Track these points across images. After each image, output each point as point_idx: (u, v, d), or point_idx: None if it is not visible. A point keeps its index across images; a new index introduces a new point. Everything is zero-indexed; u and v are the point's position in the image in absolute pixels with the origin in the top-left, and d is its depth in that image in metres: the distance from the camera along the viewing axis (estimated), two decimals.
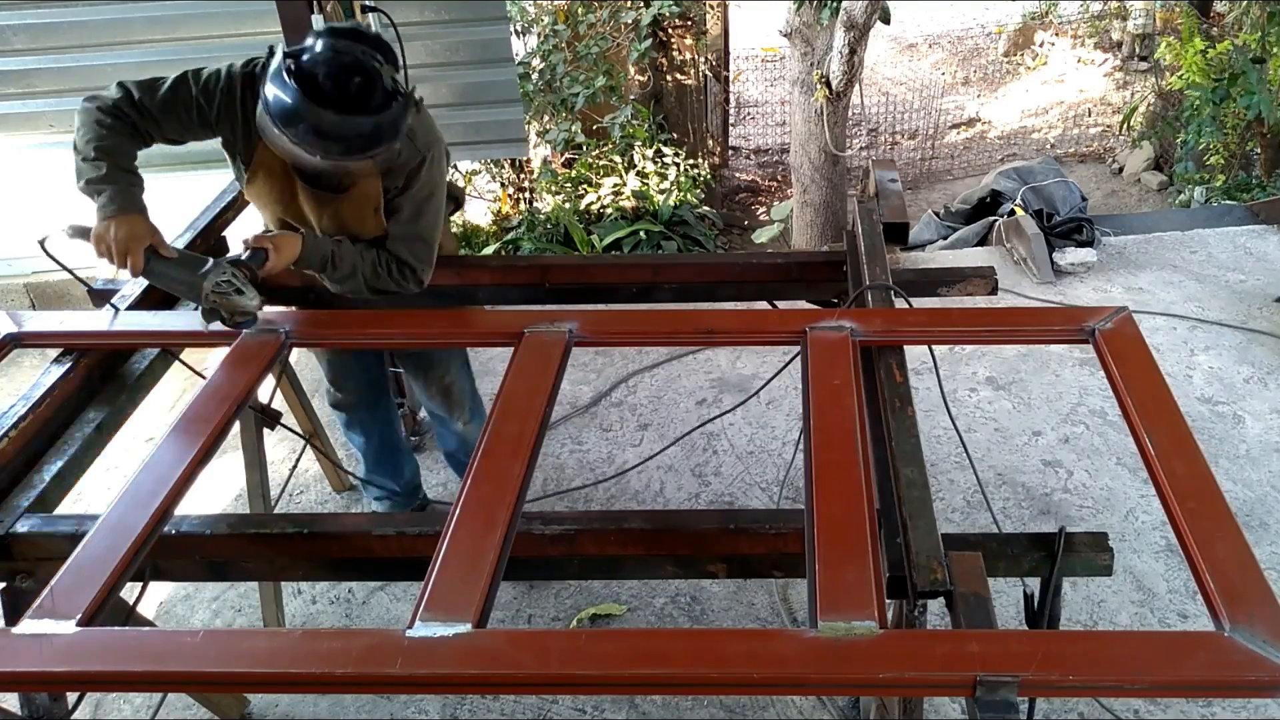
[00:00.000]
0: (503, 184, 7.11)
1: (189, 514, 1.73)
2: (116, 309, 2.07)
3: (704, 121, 8.49)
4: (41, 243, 1.91)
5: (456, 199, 2.47)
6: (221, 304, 1.85)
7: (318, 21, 2.63)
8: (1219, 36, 7.06)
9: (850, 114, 6.34)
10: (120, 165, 1.88)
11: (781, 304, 2.58)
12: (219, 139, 2.06)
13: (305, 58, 1.76)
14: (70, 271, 1.96)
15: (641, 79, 7.61)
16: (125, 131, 1.92)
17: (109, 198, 1.85)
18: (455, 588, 1.35)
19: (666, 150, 7.09)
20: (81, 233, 1.88)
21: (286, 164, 2.00)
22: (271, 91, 1.77)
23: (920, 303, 2.12)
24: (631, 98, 7.24)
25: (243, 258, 1.91)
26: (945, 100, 10.46)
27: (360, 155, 1.88)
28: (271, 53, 1.88)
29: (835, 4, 4.75)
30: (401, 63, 2.94)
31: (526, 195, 7.09)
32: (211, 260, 1.87)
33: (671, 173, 6.90)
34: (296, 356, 3.49)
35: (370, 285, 2.10)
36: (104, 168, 1.86)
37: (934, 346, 2.39)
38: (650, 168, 6.83)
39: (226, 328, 1.89)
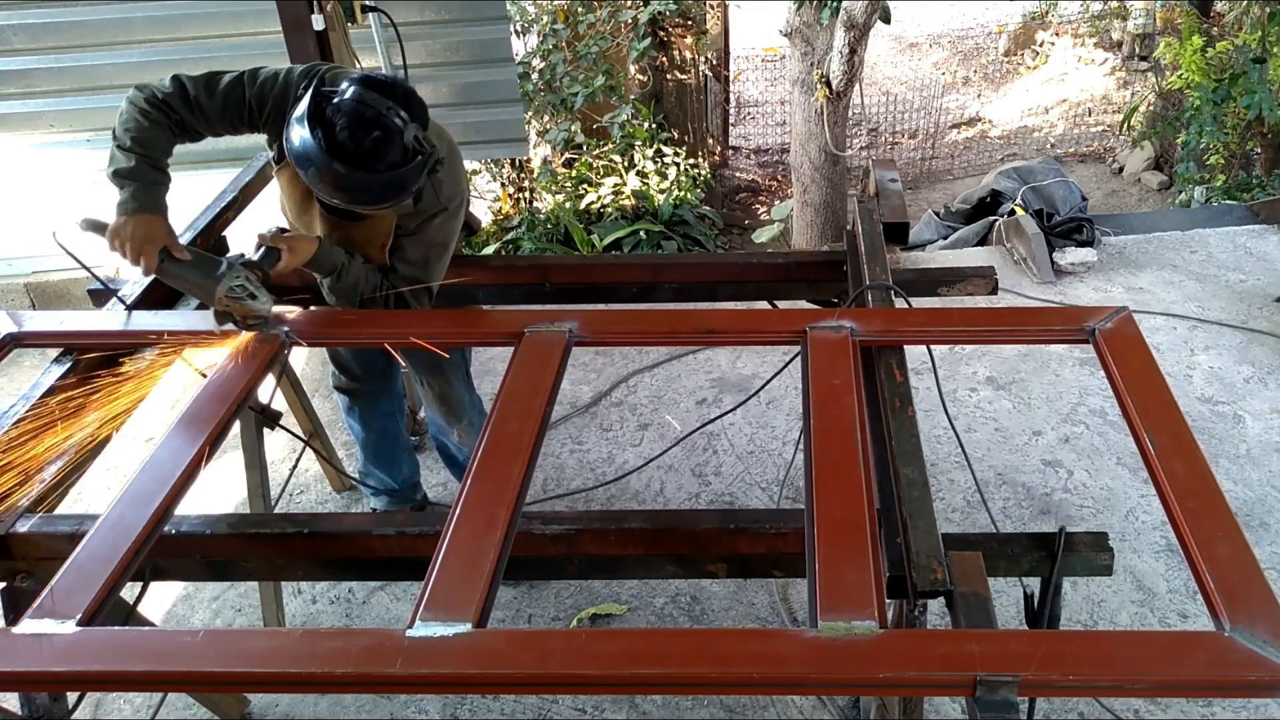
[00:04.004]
0: (503, 184, 7.10)
1: (189, 514, 1.73)
2: (124, 301, 2.07)
3: (704, 121, 8.49)
4: (54, 234, 1.90)
5: (470, 226, 2.48)
6: (234, 308, 1.85)
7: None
8: (1219, 36, 7.06)
9: (850, 114, 6.34)
10: (151, 162, 1.89)
11: (781, 304, 2.58)
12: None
13: (332, 102, 1.78)
14: (83, 264, 1.96)
15: (641, 78, 7.61)
16: (167, 126, 1.92)
17: (131, 194, 1.85)
18: (455, 588, 1.35)
19: (666, 150, 7.09)
20: (95, 226, 1.86)
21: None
22: (294, 130, 1.79)
23: (920, 303, 2.12)
24: (631, 97, 7.24)
25: (255, 258, 1.91)
26: (946, 99, 10.46)
27: (365, 206, 1.90)
28: (321, 80, 1.89)
29: (835, 4, 4.75)
30: (404, 66, 2.95)
31: (526, 195, 7.09)
32: (225, 262, 1.86)
33: (671, 172, 6.90)
34: (296, 356, 3.49)
35: (362, 305, 2.12)
36: (134, 161, 1.87)
37: (934, 346, 2.39)
38: (650, 167, 6.83)
39: (238, 329, 1.89)
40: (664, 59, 7.72)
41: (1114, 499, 3.09)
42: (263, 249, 1.92)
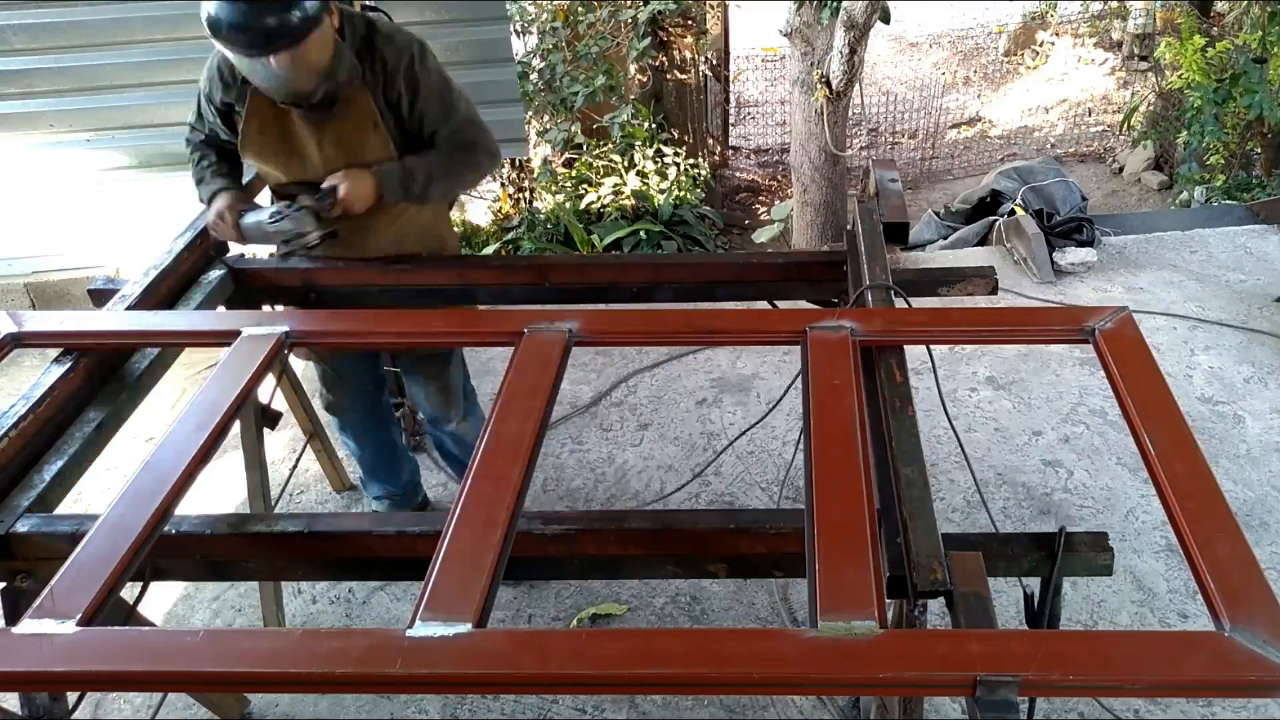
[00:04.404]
0: (503, 184, 7.10)
1: (189, 514, 1.73)
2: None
3: (704, 121, 8.49)
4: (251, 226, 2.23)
5: (491, 152, 2.52)
6: (280, 231, 2.17)
7: None
8: (1219, 36, 7.06)
9: (850, 114, 6.34)
10: (218, 174, 2.31)
11: (781, 304, 2.58)
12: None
13: None
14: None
15: (642, 78, 7.61)
16: (212, 157, 2.32)
17: (212, 191, 2.27)
18: (455, 588, 1.35)
19: (666, 150, 7.08)
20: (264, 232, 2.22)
21: (274, 103, 2.10)
22: (201, 13, 1.93)
23: (920, 303, 2.12)
24: (631, 97, 7.23)
25: (312, 202, 2.17)
26: (946, 99, 10.46)
27: (284, 44, 1.93)
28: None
29: (835, 4, 4.75)
30: None
31: (526, 195, 7.08)
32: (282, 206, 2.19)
33: (671, 172, 6.89)
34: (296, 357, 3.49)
35: (456, 180, 2.24)
36: (205, 179, 2.31)
37: (934, 346, 2.38)
38: (650, 167, 6.83)
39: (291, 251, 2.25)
40: (664, 59, 7.72)
41: (1114, 499, 3.09)
42: (319, 192, 2.15)
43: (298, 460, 3.20)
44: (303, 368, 3.71)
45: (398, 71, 2.10)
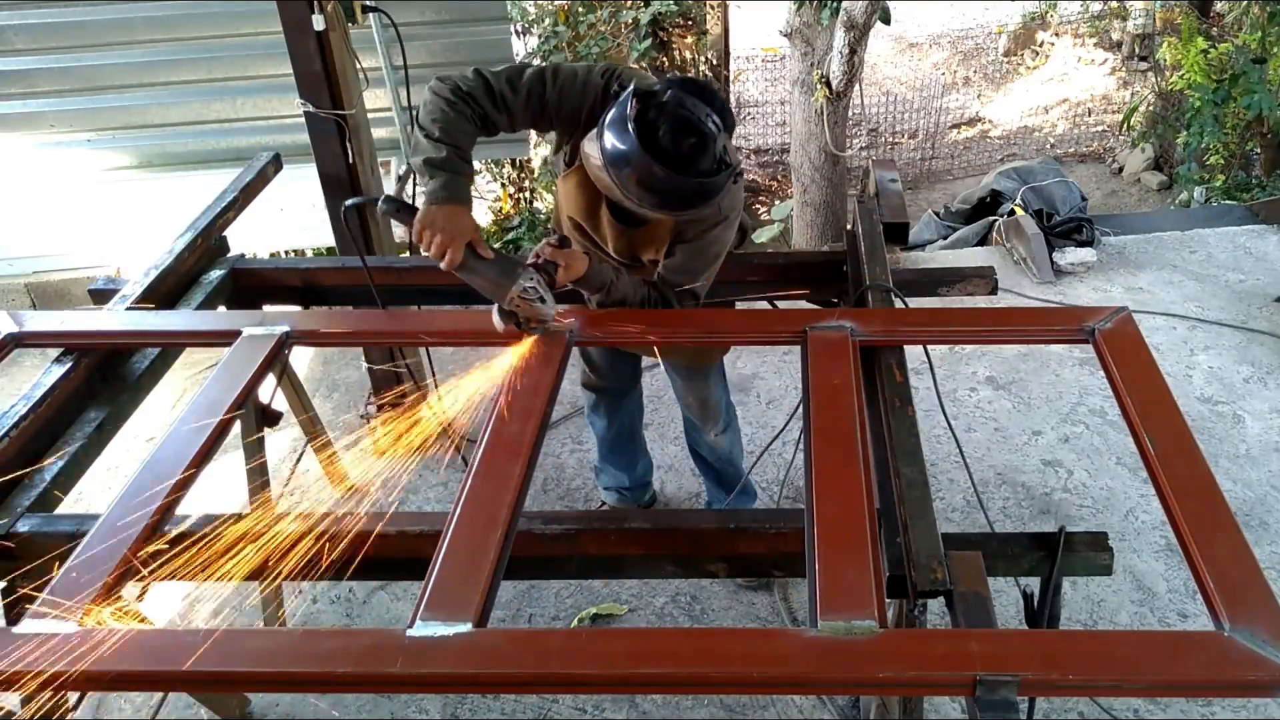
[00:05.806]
0: (503, 184, 7.11)
1: (189, 514, 1.73)
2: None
3: None
4: (349, 208, 1.95)
5: (744, 229, 2.41)
6: (523, 309, 1.84)
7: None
8: (1219, 36, 7.06)
9: (850, 114, 6.34)
10: (460, 154, 1.87)
11: (781, 304, 2.58)
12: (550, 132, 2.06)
13: (654, 105, 1.75)
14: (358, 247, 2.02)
15: None
16: (473, 119, 1.91)
17: (442, 184, 1.83)
18: (455, 587, 1.35)
19: None
20: (400, 208, 1.86)
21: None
22: (609, 133, 1.76)
23: (920, 303, 2.12)
24: None
25: (540, 261, 1.89)
26: (946, 99, 10.45)
27: (672, 212, 1.87)
28: (622, 84, 1.86)
29: (835, 4, 4.75)
30: (405, 66, 2.95)
31: (526, 195, 7.09)
32: (519, 265, 1.85)
33: None
34: (297, 356, 3.49)
35: (623, 304, 2.09)
36: (444, 151, 1.84)
37: (933, 346, 2.38)
38: None
39: (519, 330, 1.88)
40: (664, 59, 7.72)
41: (1114, 499, 3.09)
42: (540, 260, 1.90)
43: (298, 460, 3.20)
44: (304, 368, 3.71)
45: (705, 222, 2.04)
